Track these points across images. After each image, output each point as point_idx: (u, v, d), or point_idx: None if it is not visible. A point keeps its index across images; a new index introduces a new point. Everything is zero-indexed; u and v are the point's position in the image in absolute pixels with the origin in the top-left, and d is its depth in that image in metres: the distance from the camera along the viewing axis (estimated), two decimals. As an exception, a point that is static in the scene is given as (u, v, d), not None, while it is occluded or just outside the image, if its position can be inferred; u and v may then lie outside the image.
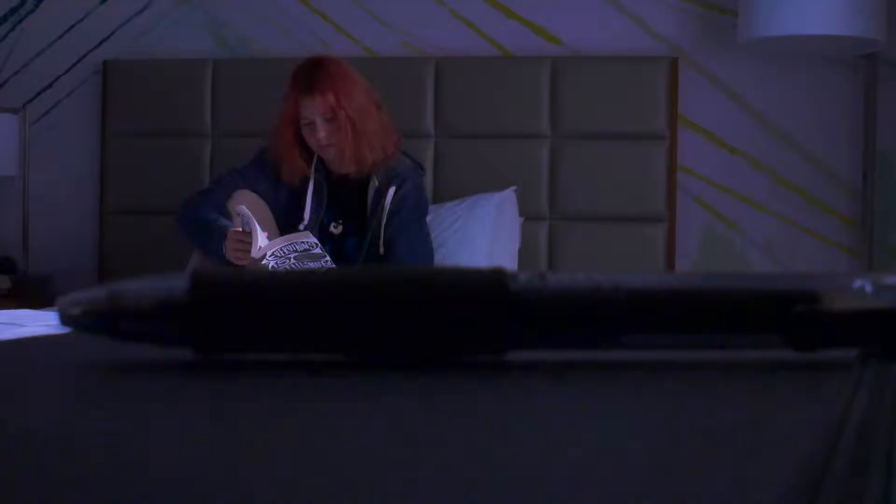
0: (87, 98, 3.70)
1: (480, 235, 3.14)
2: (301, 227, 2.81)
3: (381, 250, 2.79)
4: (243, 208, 2.66)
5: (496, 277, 0.52)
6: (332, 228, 2.86)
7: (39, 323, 2.03)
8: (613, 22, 3.42)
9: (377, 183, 2.84)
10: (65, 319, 0.54)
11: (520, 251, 3.27)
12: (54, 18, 3.71)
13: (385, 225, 2.80)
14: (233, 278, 0.52)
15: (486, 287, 0.52)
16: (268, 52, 3.57)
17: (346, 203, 2.87)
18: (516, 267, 3.24)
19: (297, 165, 2.84)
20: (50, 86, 3.73)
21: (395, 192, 2.81)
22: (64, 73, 3.72)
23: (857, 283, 0.54)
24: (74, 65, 3.71)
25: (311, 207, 2.84)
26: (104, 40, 3.69)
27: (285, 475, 0.27)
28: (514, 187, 3.29)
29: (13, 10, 3.74)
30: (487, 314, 0.51)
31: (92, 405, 0.41)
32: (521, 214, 3.29)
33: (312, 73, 2.79)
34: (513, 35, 3.47)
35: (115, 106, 3.60)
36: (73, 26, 3.71)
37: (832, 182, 3.33)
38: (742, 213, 3.38)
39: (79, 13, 3.70)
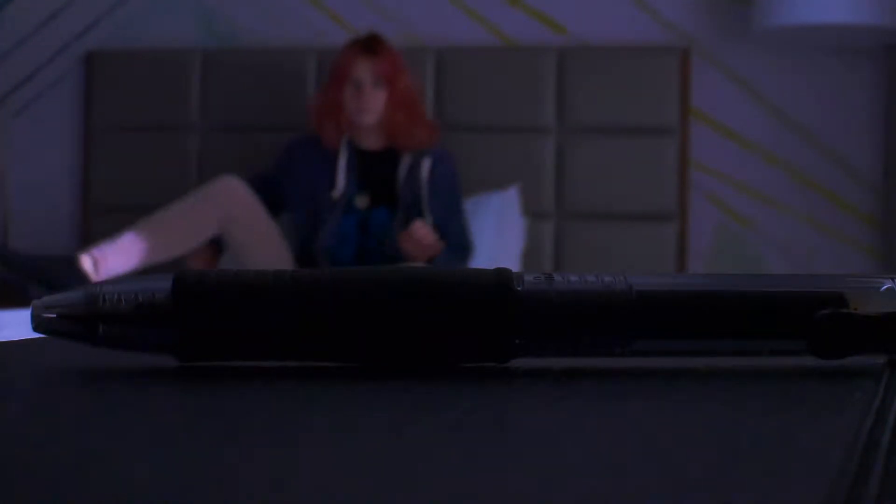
0: (71, 90, 3.68)
1: (482, 235, 3.13)
2: (335, 194, 2.96)
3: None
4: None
5: (500, 279, 0.52)
6: (357, 202, 2.99)
7: (19, 326, 2.05)
8: (622, 10, 3.39)
9: (409, 159, 3.00)
10: (38, 323, 0.52)
11: (524, 251, 3.27)
12: (35, 6, 3.68)
13: (429, 197, 2.95)
14: (219, 279, 0.51)
15: (490, 289, 0.51)
16: (260, 43, 3.55)
17: (374, 175, 3.01)
18: (520, 268, 3.24)
19: (343, 121, 3.00)
20: (31, 77, 3.70)
21: (432, 168, 2.98)
22: (46, 64, 3.69)
23: (886, 284, 0.53)
24: (57, 55, 3.69)
25: (344, 177, 2.99)
26: (88, 29, 3.66)
27: (274, 491, 0.28)
28: (517, 184, 3.28)
29: (-8, -1, 3.73)
30: (491, 318, 0.51)
31: (65, 416, 0.40)
32: (525, 212, 3.28)
33: (376, 38, 3.01)
34: (516, 24, 3.45)
35: (99, 98, 3.59)
36: (55, 14, 3.68)
37: (852, 178, 3.31)
38: (757, 210, 3.35)
39: (61, 0, 3.67)
